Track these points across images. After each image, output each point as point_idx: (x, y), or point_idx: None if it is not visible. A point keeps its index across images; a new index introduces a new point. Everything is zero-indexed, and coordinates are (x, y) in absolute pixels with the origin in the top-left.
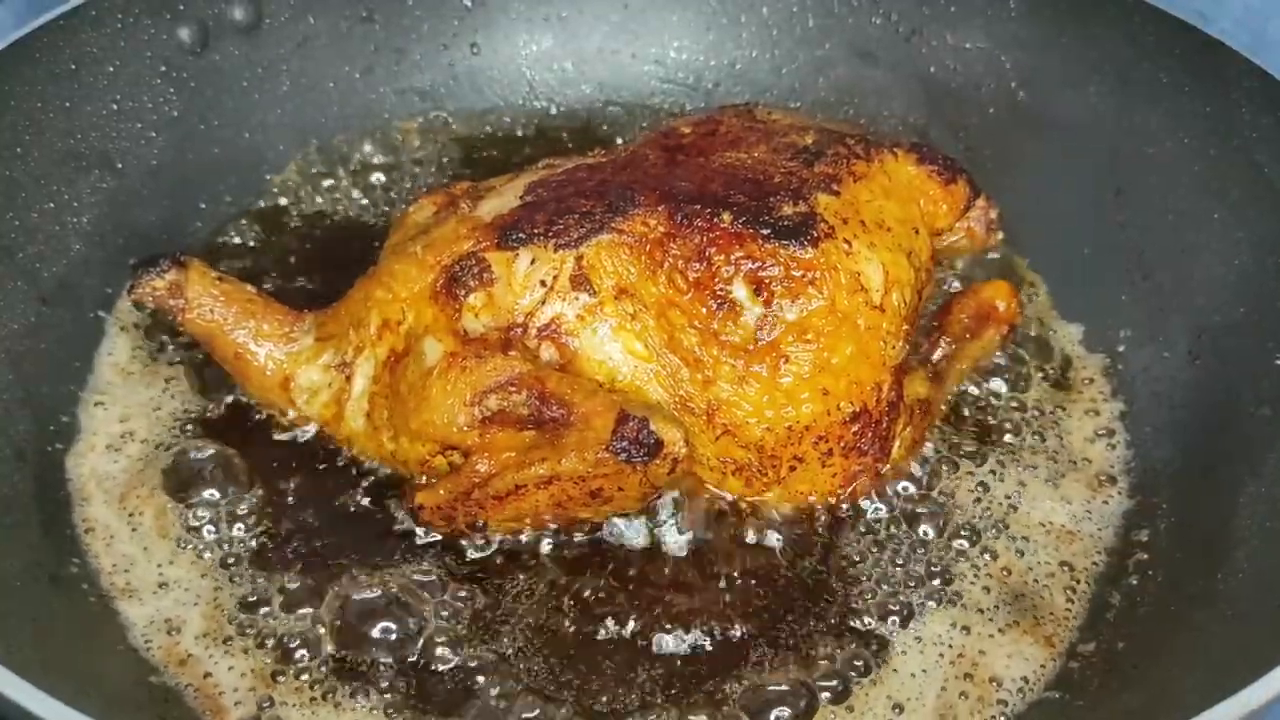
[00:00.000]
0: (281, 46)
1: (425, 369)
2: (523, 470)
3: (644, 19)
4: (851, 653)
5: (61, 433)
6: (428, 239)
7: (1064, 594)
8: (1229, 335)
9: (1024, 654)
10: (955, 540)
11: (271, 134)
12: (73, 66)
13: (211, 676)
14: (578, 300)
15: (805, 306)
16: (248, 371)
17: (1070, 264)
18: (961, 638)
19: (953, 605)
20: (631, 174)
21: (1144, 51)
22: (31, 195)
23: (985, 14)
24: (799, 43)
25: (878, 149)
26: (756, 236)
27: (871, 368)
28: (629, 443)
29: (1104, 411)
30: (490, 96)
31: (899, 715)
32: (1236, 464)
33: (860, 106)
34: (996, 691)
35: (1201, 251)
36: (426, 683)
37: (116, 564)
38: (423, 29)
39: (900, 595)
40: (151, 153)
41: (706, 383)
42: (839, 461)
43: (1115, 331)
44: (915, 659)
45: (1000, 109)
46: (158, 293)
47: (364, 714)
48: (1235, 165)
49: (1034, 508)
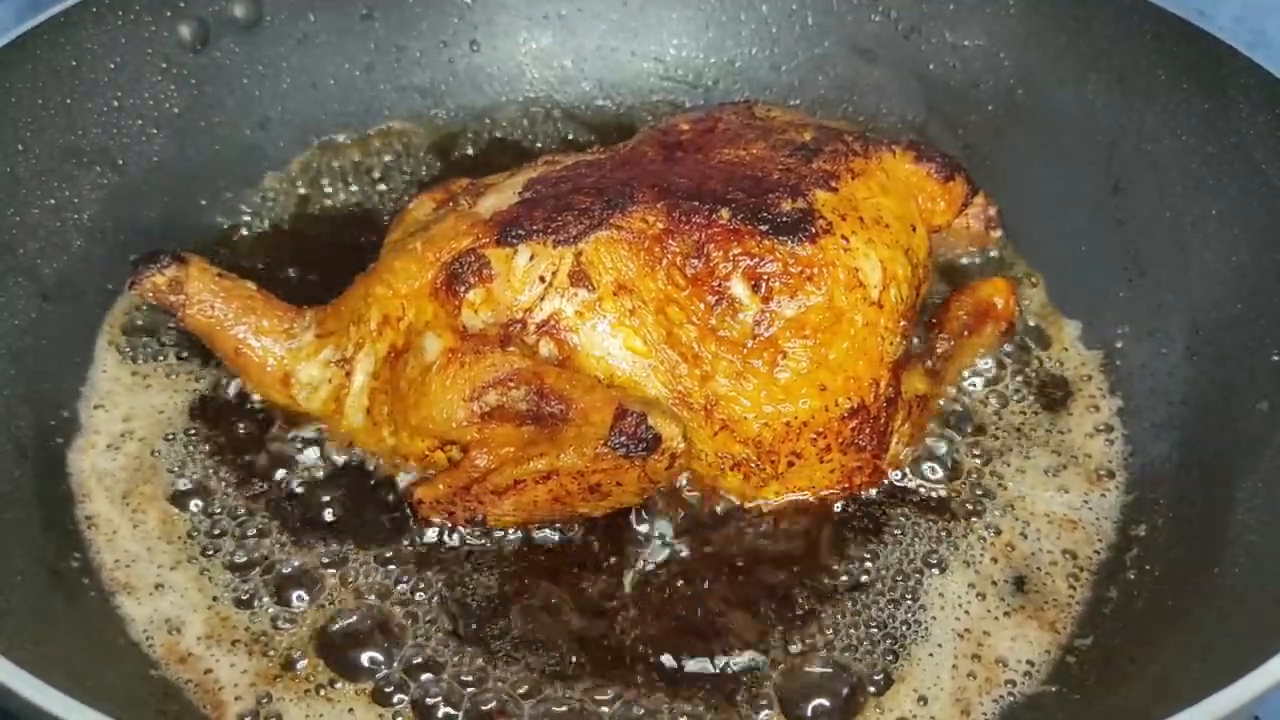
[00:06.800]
0: (282, 44)
1: (425, 365)
2: (522, 465)
3: (643, 16)
4: (864, 643)
5: (62, 428)
6: (427, 235)
7: (1066, 581)
8: (1226, 331)
9: (1028, 637)
10: (953, 531)
11: (272, 131)
12: (73, 63)
13: (212, 673)
14: (576, 296)
15: (803, 302)
16: (248, 367)
17: (1068, 261)
18: (966, 621)
19: (956, 591)
20: (630, 171)
21: (1142, 49)
22: (32, 192)
23: (984, 11)
24: (798, 40)
25: (876, 146)
26: (755, 233)
27: (869, 364)
28: (627, 438)
29: (1102, 407)
30: (490, 94)
31: (923, 706)
32: (1234, 459)
33: (859, 104)
34: (1003, 672)
35: (1199, 248)
36: (427, 683)
37: (119, 559)
38: (422, 26)
39: (903, 582)
40: (152, 149)
41: (705, 378)
42: (837, 457)
43: (1113, 328)
44: (925, 646)
45: (999, 106)
46: (158, 289)
47: (362, 711)
48: (1233, 162)
49: (1034, 501)
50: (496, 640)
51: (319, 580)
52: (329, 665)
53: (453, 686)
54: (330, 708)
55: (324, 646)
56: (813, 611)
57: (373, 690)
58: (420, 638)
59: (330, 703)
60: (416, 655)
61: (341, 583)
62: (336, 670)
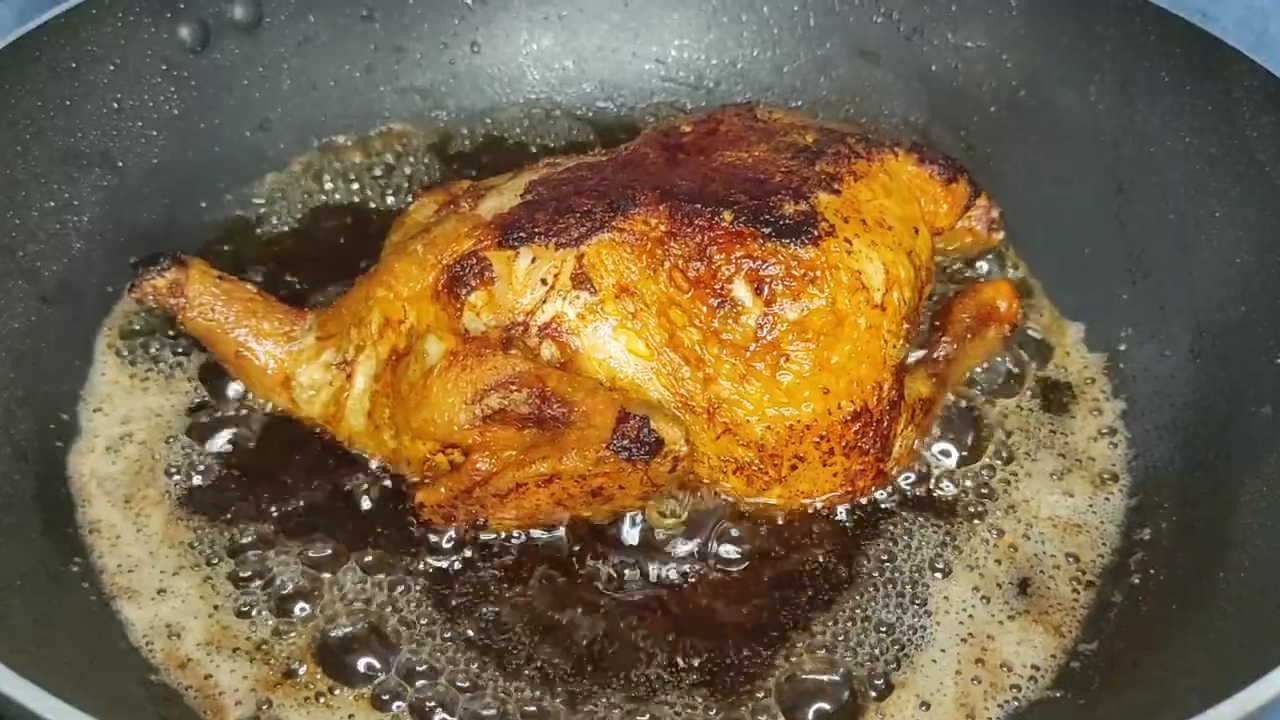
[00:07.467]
0: (282, 45)
1: (426, 367)
2: (523, 469)
3: (645, 18)
4: (867, 647)
5: (62, 432)
6: (429, 238)
7: (1070, 585)
8: (1230, 334)
9: (1033, 642)
10: (956, 535)
11: (272, 132)
12: (73, 65)
13: (212, 678)
14: (579, 299)
15: (806, 305)
16: (249, 370)
17: (1071, 263)
18: (970, 625)
19: (960, 595)
20: (632, 173)
21: (1145, 50)
22: (32, 194)
23: (986, 13)
24: (800, 41)
25: (878, 148)
26: (757, 235)
27: (872, 367)
28: (630, 441)
29: (1106, 410)
30: (491, 95)
31: (925, 712)
32: (1238, 462)
33: (861, 105)
34: (1008, 677)
35: (1202, 250)
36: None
37: (120, 564)
38: (423, 28)
39: (906, 586)
40: (152, 151)
41: (707, 381)
42: (840, 461)
43: (1116, 330)
44: (929, 651)
45: (1001, 108)
46: (158, 291)
47: (361, 717)
48: (1236, 164)
49: (1038, 505)
50: (495, 644)
51: (319, 586)
52: (327, 673)
53: (450, 691)
54: (330, 714)
55: (323, 653)
56: (814, 615)
57: (371, 696)
58: (418, 643)
59: (330, 709)
60: (414, 661)
61: (341, 588)
62: (335, 677)
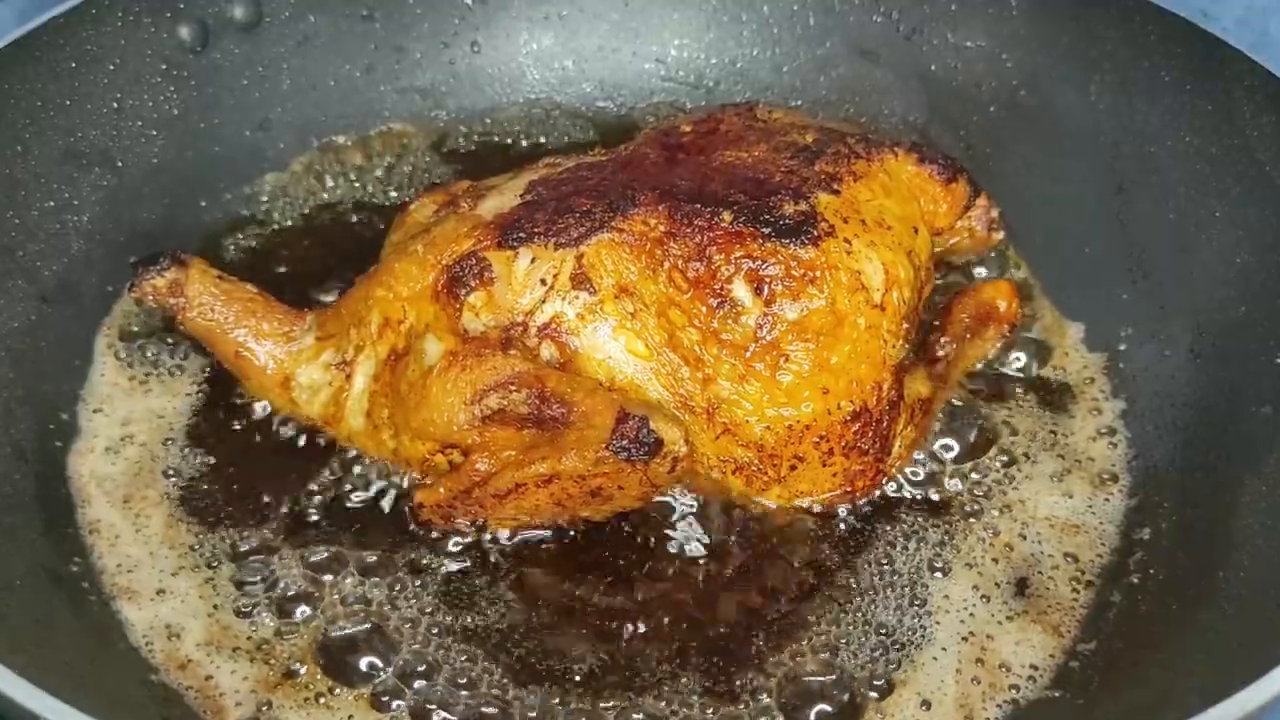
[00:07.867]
0: (282, 45)
1: (425, 367)
2: (523, 469)
3: (645, 17)
4: (867, 647)
5: (61, 432)
6: (428, 238)
7: (1069, 585)
8: (1230, 334)
9: (1032, 642)
10: (956, 534)
11: (272, 132)
12: (73, 65)
13: (212, 679)
14: (578, 299)
15: (805, 305)
16: (248, 370)
17: (1071, 263)
18: (970, 624)
19: (960, 595)
20: (632, 173)
21: (1145, 50)
22: (32, 194)
23: (986, 12)
24: (800, 41)
25: (878, 148)
26: (757, 235)
27: (872, 367)
28: (629, 441)
29: (1105, 410)
30: (491, 95)
31: (926, 712)
32: (1238, 463)
33: (861, 105)
34: (1007, 677)
35: (1203, 250)
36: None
37: (120, 564)
38: (423, 27)
39: (906, 586)
40: (152, 151)
41: (707, 381)
42: (840, 461)
43: (1116, 330)
44: (929, 650)
45: (1001, 108)
46: (158, 291)
47: (361, 718)
48: (1236, 164)
49: (1037, 505)
50: (494, 644)
51: (319, 586)
52: (327, 673)
53: (450, 691)
54: (330, 715)
55: (323, 653)
56: (814, 615)
57: (371, 697)
58: (418, 643)
59: (330, 710)
60: (414, 661)
61: (341, 589)
62: (335, 678)
